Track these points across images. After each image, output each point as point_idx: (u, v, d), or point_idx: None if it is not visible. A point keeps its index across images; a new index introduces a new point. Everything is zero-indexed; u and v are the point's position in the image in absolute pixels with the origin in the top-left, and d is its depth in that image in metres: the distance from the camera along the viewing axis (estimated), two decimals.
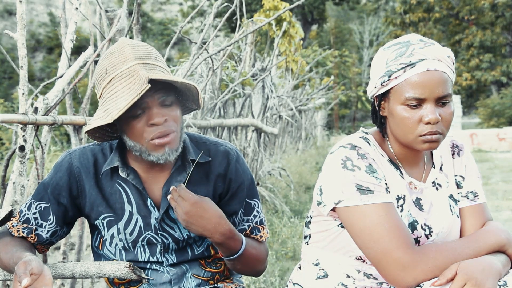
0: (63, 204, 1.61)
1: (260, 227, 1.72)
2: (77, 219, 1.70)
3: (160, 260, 1.64)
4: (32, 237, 1.61)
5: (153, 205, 1.61)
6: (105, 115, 1.43)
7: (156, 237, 1.63)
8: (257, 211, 1.72)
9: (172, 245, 1.64)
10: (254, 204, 1.71)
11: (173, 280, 1.65)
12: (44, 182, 1.64)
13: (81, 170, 1.61)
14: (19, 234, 1.61)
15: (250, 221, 1.70)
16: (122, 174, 1.59)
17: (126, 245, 1.64)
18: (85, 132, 1.52)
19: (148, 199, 1.61)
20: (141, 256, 1.64)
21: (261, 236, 1.71)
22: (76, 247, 2.51)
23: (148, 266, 1.65)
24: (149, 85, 1.38)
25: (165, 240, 1.63)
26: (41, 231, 1.61)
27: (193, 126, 3.62)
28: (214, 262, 1.72)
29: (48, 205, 1.60)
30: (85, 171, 1.61)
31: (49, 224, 1.61)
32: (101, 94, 1.49)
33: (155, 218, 1.62)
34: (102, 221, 1.63)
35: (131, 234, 1.62)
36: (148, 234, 1.63)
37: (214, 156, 1.65)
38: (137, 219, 1.62)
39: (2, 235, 1.61)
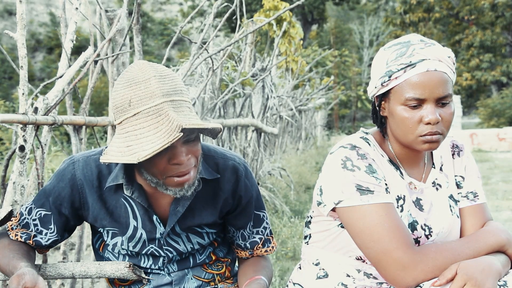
0: (64, 214, 1.58)
1: (270, 238, 1.74)
2: (78, 226, 1.69)
3: (162, 269, 1.65)
4: (30, 242, 1.59)
5: (159, 221, 1.58)
6: (129, 153, 1.34)
7: (160, 251, 1.62)
8: (266, 223, 1.72)
9: (175, 257, 1.64)
10: (263, 215, 1.71)
11: (174, 282, 1.65)
12: (45, 189, 1.60)
13: (84, 183, 1.56)
14: (17, 239, 1.59)
15: (261, 233, 1.70)
16: (127, 192, 1.53)
17: (128, 253, 1.64)
18: (101, 160, 1.42)
19: (154, 215, 1.58)
20: (144, 263, 1.64)
21: (272, 247, 1.73)
22: (76, 247, 2.51)
23: (149, 270, 1.65)
24: (181, 134, 1.31)
25: (169, 254, 1.63)
26: (41, 238, 1.59)
27: None
28: (215, 264, 1.72)
29: (49, 213, 1.58)
30: (88, 184, 1.56)
31: (50, 233, 1.59)
32: (121, 123, 1.40)
33: (160, 233, 1.59)
34: (106, 229, 1.61)
35: (134, 246, 1.61)
36: (152, 247, 1.61)
37: (223, 172, 1.61)
38: (141, 234, 1.59)
39: (0, 237, 1.60)
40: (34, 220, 1.58)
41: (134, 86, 1.38)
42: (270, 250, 1.73)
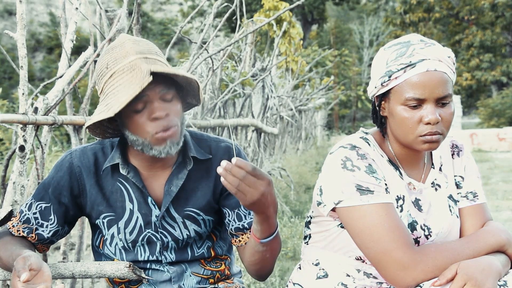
0: (64, 203, 1.61)
1: None
2: (78, 218, 1.70)
3: (159, 258, 1.64)
4: (32, 236, 1.61)
5: (154, 203, 1.61)
6: (107, 109, 1.42)
7: (156, 234, 1.63)
8: None
9: (171, 244, 1.64)
10: None
11: (173, 278, 1.65)
12: (44, 182, 1.63)
13: (81, 169, 1.61)
14: (19, 233, 1.61)
15: None
16: (123, 171, 1.58)
17: (126, 245, 1.64)
18: (86, 128, 1.51)
19: (149, 197, 1.61)
20: (141, 255, 1.65)
21: None
22: (76, 247, 2.51)
23: (148, 266, 1.65)
24: (151, 78, 1.38)
25: (164, 239, 1.63)
26: (42, 231, 1.61)
27: (193, 126, 3.62)
28: (214, 261, 1.71)
29: (48, 205, 1.60)
30: (85, 170, 1.61)
31: (50, 224, 1.61)
32: (102, 90, 1.49)
33: (155, 216, 1.61)
34: (103, 220, 1.63)
35: (131, 233, 1.62)
36: (148, 232, 1.62)
37: (215, 153, 1.65)
38: (137, 217, 1.62)
39: (2, 235, 1.61)
40: (34, 213, 1.60)
41: (111, 51, 1.49)
42: None
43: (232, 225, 1.67)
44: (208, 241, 1.70)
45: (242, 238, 1.67)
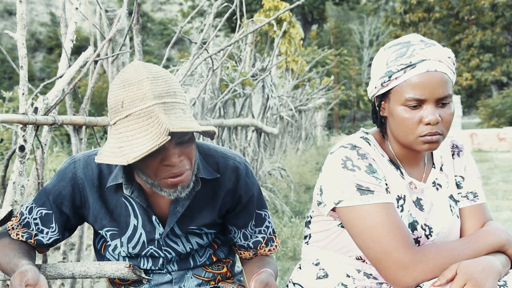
0: (65, 213, 1.59)
1: (273, 237, 1.72)
2: (79, 226, 1.69)
3: (162, 269, 1.65)
4: (31, 242, 1.60)
5: (158, 222, 1.59)
6: (120, 154, 1.35)
7: (159, 252, 1.62)
8: (269, 222, 1.70)
9: (174, 258, 1.64)
10: (265, 214, 1.69)
11: (174, 280, 1.65)
12: (46, 188, 1.60)
13: (85, 182, 1.57)
14: (18, 238, 1.59)
15: (264, 232, 1.69)
16: (126, 191, 1.54)
17: (128, 255, 1.64)
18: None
19: (153, 215, 1.58)
20: (144, 265, 1.64)
21: (276, 246, 1.72)
22: (76, 247, 2.51)
23: (150, 271, 1.65)
24: (169, 137, 1.31)
25: (168, 255, 1.63)
26: (42, 237, 1.59)
27: None
28: (216, 264, 1.71)
29: (50, 212, 1.58)
30: (89, 184, 1.57)
31: (51, 232, 1.59)
32: (115, 123, 1.41)
33: (159, 233, 1.60)
34: (106, 232, 1.62)
35: (134, 247, 1.61)
36: (151, 248, 1.61)
37: (223, 171, 1.61)
38: (141, 233, 1.60)
39: (1, 236, 1.60)
40: (35, 219, 1.58)
41: (127, 87, 1.38)
42: (273, 249, 1.72)
43: (237, 242, 1.69)
44: (210, 249, 1.70)
45: (244, 253, 1.70)
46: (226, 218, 1.67)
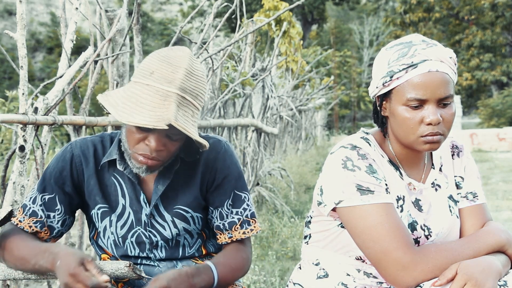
0: (68, 193, 1.64)
1: (251, 220, 1.70)
2: (80, 208, 1.71)
3: (149, 255, 1.67)
4: (45, 230, 1.62)
5: (145, 201, 1.64)
6: (120, 108, 1.43)
7: (145, 233, 1.65)
8: (247, 204, 1.70)
9: (161, 243, 1.66)
10: (244, 197, 1.69)
11: (163, 272, 1.65)
12: (45, 172, 1.65)
13: (82, 159, 1.64)
14: (33, 229, 1.61)
15: (240, 213, 1.69)
16: (120, 167, 1.61)
17: (116, 239, 1.66)
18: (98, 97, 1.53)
19: (141, 194, 1.64)
20: (131, 251, 1.67)
21: (251, 230, 1.70)
22: (76, 247, 2.51)
23: (139, 262, 1.68)
24: (166, 128, 1.39)
25: (153, 238, 1.65)
26: (51, 222, 1.63)
27: None
28: (206, 258, 1.72)
29: (52, 195, 1.62)
30: (85, 160, 1.64)
31: (57, 214, 1.63)
32: (134, 76, 1.50)
33: (145, 214, 1.64)
34: (97, 211, 1.66)
35: (122, 227, 1.65)
36: (139, 229, 1.65)
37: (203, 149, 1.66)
38: (129, 213, 1.65)
39: (13, 232, 1.60)
40: (40, 206, 1.62)
41: (165, 64, 1.47)
42: (248, 232, 1.69)
43: (214, 222, 1.70)
44: (199, 240, 1.71)
45: (221, 237, 1.70)
46: (206, 199, 1.69)
